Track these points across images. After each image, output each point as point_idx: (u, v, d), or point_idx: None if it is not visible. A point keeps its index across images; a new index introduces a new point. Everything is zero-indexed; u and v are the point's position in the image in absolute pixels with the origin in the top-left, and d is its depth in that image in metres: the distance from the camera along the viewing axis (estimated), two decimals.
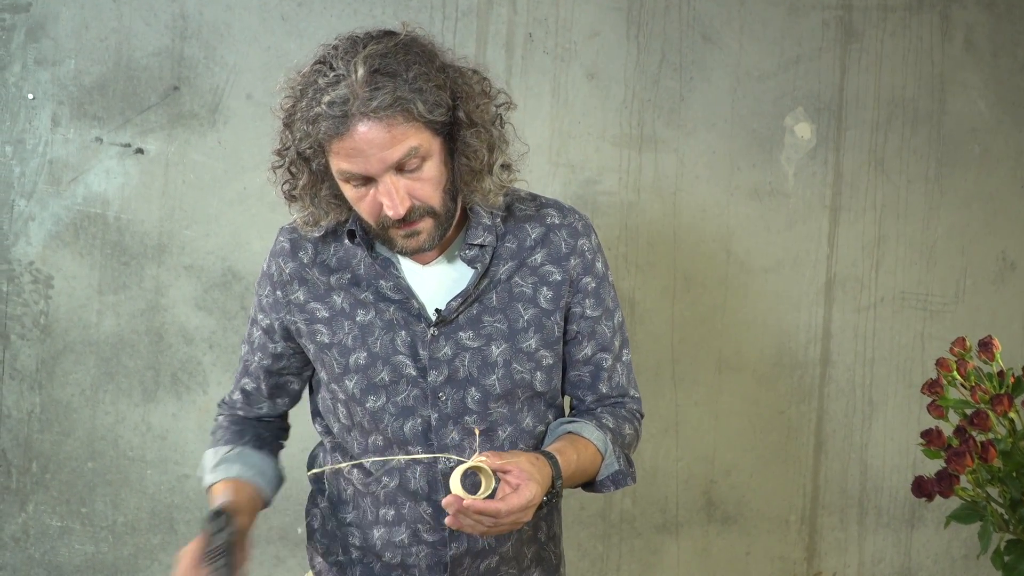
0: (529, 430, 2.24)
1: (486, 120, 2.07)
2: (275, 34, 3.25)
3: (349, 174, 1.98)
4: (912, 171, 3.69)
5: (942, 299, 3.76)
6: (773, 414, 3.67)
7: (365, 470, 2.25)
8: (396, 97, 1.90)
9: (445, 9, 3.32)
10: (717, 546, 3.69)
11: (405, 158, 1.95)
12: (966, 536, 3.88)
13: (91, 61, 3.17)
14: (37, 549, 3.26)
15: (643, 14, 3.45)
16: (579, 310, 2.25)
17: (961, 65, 3.71)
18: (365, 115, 1.90)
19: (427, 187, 2.01)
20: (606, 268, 2.30)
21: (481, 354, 2.16)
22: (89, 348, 3.24)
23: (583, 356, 2.28)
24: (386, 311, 2.16)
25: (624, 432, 2.27)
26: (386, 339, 2.16)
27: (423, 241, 2.07)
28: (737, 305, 3.58)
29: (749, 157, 3.56)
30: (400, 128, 1.92)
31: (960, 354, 1.96)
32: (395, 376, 2.16)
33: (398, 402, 2.16)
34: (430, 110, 1.95)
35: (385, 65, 1.92)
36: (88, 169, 3.19)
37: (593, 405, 2.32)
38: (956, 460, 1.76)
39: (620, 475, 2.21)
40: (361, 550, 2.29)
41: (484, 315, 2.17)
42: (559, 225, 2.24)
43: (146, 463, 3.29)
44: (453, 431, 2.16)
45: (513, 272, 2.19)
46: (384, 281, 2.17)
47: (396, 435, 2.17)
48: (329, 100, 1.91)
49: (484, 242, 2.16)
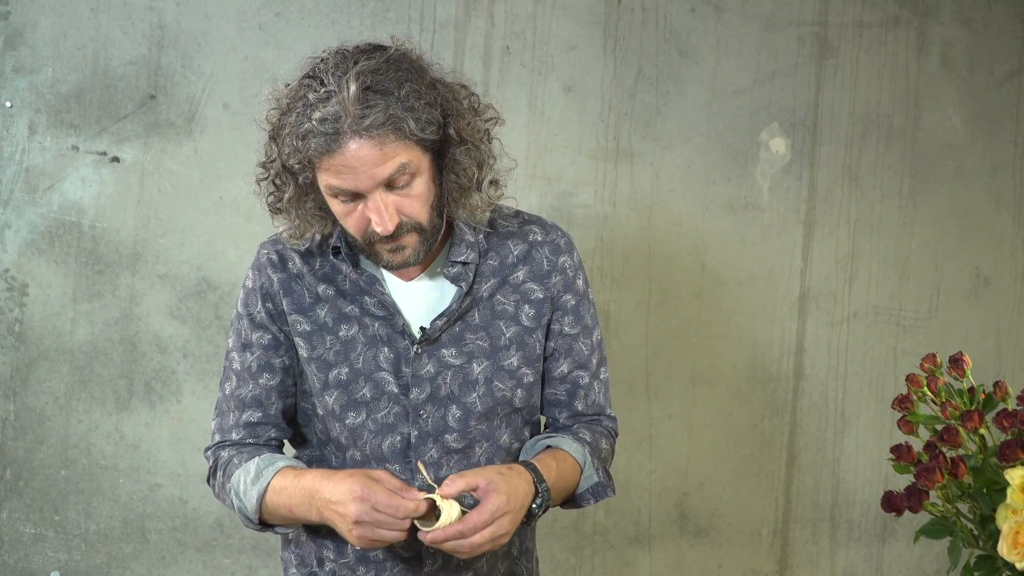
0: (505, 447, 2.24)
1: (476, 137, 2.07)
2: (252, 44, 3.25)
3: (338, 190, 1.97)
4: (886, 186, 3.71)
5: (915, 314, 3.78)
6: (746, 427, 3.68)
7: None
8: (388, 115, 1.90)
9: (423, 21, 3.32)
10: (689, 559, 3.69)
11: (395, 175, 1.95)
12: (937, 551, 3.90)
13: (68, 69, 3.17)
14: (11, 556, 3.25)
15: (620, 28, 3.47)
16: (558, 327, 2.25)
17: (936, 81, 3.73)
18: (357, 133, 1.89)
19: (416, 203, 2.01)
20: (586, 285, 2.30)
21: (463, 372, 2.16)
22: (63, 356, 3.23)
23: (560, 373, 2.28)
24: (370, 327, 2.15)
25: (601, 446, 2.27)
26: (369, 355, 2.15)
27: (408, 256, 2.07)
28: (711, 318, 3.59)
29: (724, 171, 3.57)
30: (391, 146, 1.92)
31: (931, 370, 1.97)
32: (377, 393, 2.15)
33: (378, 419, 2.15)
34: (421, 128, 1.95)
35: (377, 82, 1.91)
36: (64, 177, 3.18)
37: (568, 422, 2.32)
38: (926, 475, 1.77)
39: (600, 487, 2.21)
40: (335, 563, 2.28)
41: (467, 333, 2.17)
42: (541, 242, 2.24)
43: (119, 472, 3.28)
44: (432, 449, 2.16)
45: (495, 290, 2.20)
46: (369, 297, 2.16)
47: (374, 452, 2.16)
48: (320, 116, 1.90)
49: (467, 259, 2.16)
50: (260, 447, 2.23)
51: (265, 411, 2.23)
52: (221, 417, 2.27)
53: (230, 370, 2.26)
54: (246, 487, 2.10)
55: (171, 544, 3.32)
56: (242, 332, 2.23)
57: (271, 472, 2.08)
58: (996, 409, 1.87)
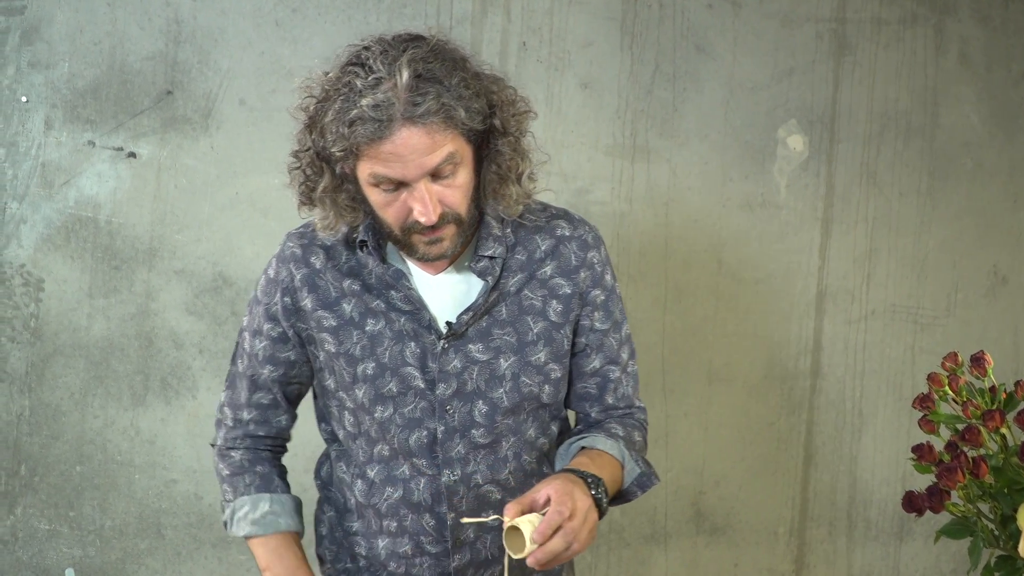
0: (531, 441, 2.24)
1: (517, 128, 2.08)
2: (269, 39, 3.24)
3: (382, 178, 1.97)
4: (904, 184, 3.69)
5: (933, 312, 3.76)
6: (763, 426, 3.67)
7: (368, 480, 2.25)
8: (441, 104, 1.90)
9: (439, 17, 3.32)
10: (705, 557, 3.68)
11: (442, 164, 1.95)
12: (955, 550, 3.88)
13: (85, 64, 3.16)
14: (25, 552, 3.25)
15: (637, 24, 3.45)
16: (588, 323, 2.24)
17: (954, 78, 3.71)
18: (409, 120, 1.89)
19: (458, 194, 2.02)
20: (614, 280, 2.30)
21: (490, 367, 2.16)
22: (79, 352, 3.23)
23: (591, 368, 2.28)
24: (396, 321, 2.15)
25: (635, 439, 2.26)
26: (395, 350, 2.15)
27: (446, 248, 2.07)
28: (728, 316, 3.58)
29: (741, 168, 3.56)
30: (440, 135, 1.92)
31: (952, 369, 1.96)
32: (403, 387, 2.15)
33: (405, 413, 2.16)
34: (470, 117, 1.95)
35: (428, 70, 1.91)
36: (80, 172, 3.18)
37: (600, 416, 2.31)
38: (947, 476, 1.76)
39: (644, 477, 2.20)
40: (367, 559, 2.30)
41: (494, 328, 2.17)
42: (569, 237, 2.23)
43: (134, 467, 3.28)
44: (459, 444, 2.16)
45: (523, 284, 2.19)
46: (395, 291, 2.16)
47: (402, 446, 2.17)
48: (369, 103, 1.89)
49: (494, 254, 2.16)
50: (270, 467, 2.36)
51: (274, 397, 2.32)
52: (232, 391, 2.35)
53: (242, 348, 2.32)
54: (243, 518, 2.28)
55: (186, 540, 3.32)
56: (256, 318, 2.28)
57: (272, 529, 2.27)
58: (1017, 408, 1.87)
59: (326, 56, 2.03)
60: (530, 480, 2.23)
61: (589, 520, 1.90)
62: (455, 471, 2.17)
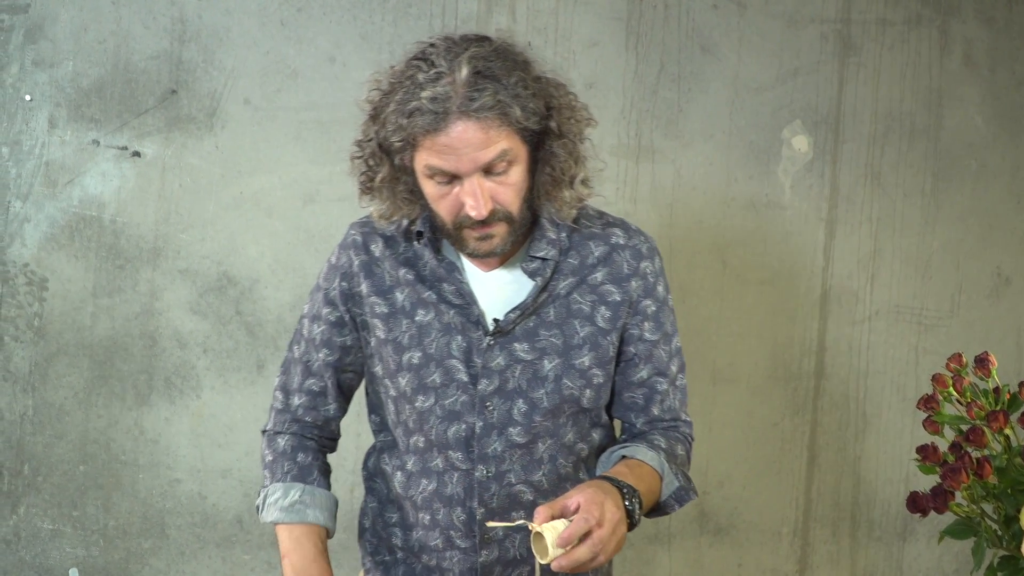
0: (569, 445, 2.25)
1: (574, 133, 2.11)
2: (274, 39, 3.24)
3: (436, 170, 2.02)
4: (908, 185, 3.69)
5: (937, 313, 3.76)
6: (767, 426, 3.67)
7: (407, 472, 2.28)
8: (496, 100, 1.95)
9: (444, 17, 3.32)
10: (709, 557, 3.68)
11: (495, 160, 1.99)
12: (958, 550, 3.88)
13: (89, 63, 3.17)
14: (28, 552, 3.25)
15: (642, 24, 3.45)
16: (637, 332, 2.25)
17: (959, 80, 3.71)
18: (464, 114, 1.94)
19: (510, 192, 2.06)
20: (667, 292, 2.31)
21: (533, 367, 2.17)
22: (83, 351, 3.23)
23: (638, 379, 2.28)
24: (445, 314, 2.19)
25: (677, 452, 2.26)
26: (442, 342, 2.18)
27: (495, 245, 2.10)
28: (732, 316, 3.58)
29: (746, 169, 3.56)
30: (495, 131, 1.97)
31: (956, 370, 1.96)
32: (446, 379, 2.18)
33: (445, 405, 2.19)
34: (526, 117, 2.00)
35: (487, 68, 1.97)
36: (84, 171, 3.18)
37: (645, 428, 2.31)
38: (951, 476, 1.76)
39: (682, 491, 2.21)
40: (403, 551, 2.33)
41: (540, 328, 2.19)
42: (623, 246, 2.25)
43: (138, 467, 3.28)
44: (496, 441, 2.18)
45: (572, 288, 2.21)
46: (447, 284, 2.20)
47: (439, 438, 2.20)
48: (429, 95, 1.95)
49: (547, 256, 2.19)
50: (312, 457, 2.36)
51: (325, 384, 2.35)
52: (287, 376, 2.40)
53: (300, 334, 2.38)
54: (274, 504, 2.28)
55: (190, 540, 3.32)
56: (316, 304, 2.34)
57: (299, 519, 2.26)
58: (1021, 409, 1.87)
59: (331, 56, 2.03)
60: (564, 484, 2.25)
61: (618, 532, 1.90)
62: (489, 468, 2.19)
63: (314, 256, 3.29)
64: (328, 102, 3.28)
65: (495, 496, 2.20)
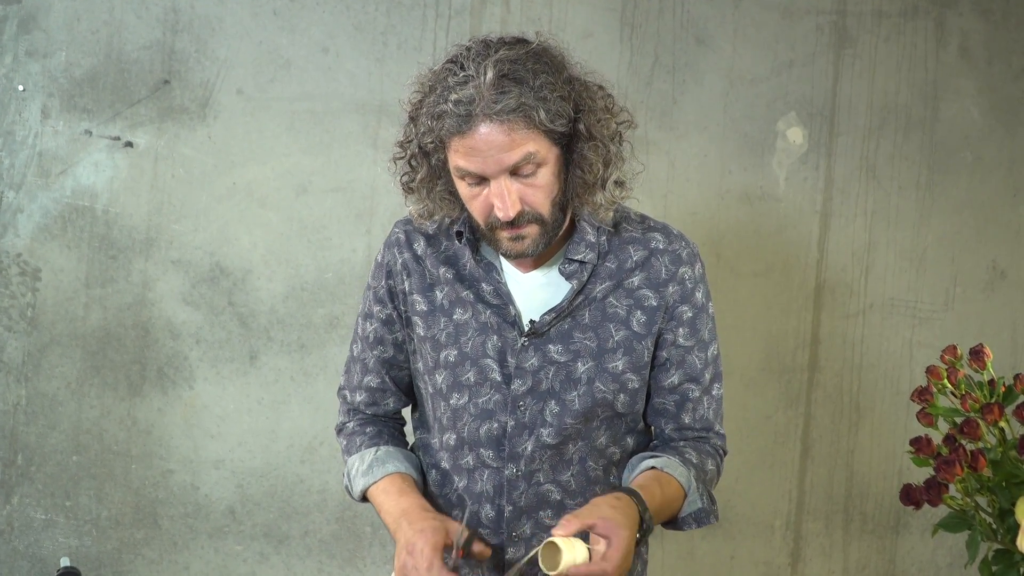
0: (601, 449, 2.26)
1: (605, 135, 2.11)
2: (267, 29, 3.24)
3: (465, 171, 2.04)
4: (903, 178, 3.69)
5: (931, 306, 3.76)
6: (760, 419, 3.66)
7: (442, 471, 2.32)
8: (520, 103, 1.96)
9: (438, 7, 3.31)
10: (702, 550, 3.68)
11: (521, 162, 2.00)
12: (951, 544, 3.88)
13: (82, 53, 3.16)
14: (21, 542, 3.25)
15: (636, 15, 3.45)
16: (671, 337, 2.25)
17: (955, 72, 3.71)
18: (488, 116, 1.96)
19: (539, 194, 2.06)
20: (707, 299, 2.31)
21: (566, 369, 2.19)
22: (75, 341, 3.22)
23: (669, 384, 2.28)
24: (482, 313, 2.21)
25: (707, 468, 2.27)
26: (477, 341, 2.20)
27: (527, 246, 2.11)
28: (726, 309, 3.58)
29: (741, 161, 3.55)
30: (520, 133, 1.98)
31: (951, 362, 1.96)
32: (480, 378, 2.20)
33: (479, 404, 2.21)
34: (551, 119, 2.00)
35: (514, 71, 1.98)
36: (77, 162, 3.17)
37: (674, 435, 2.31)
38: (945, 469, 1.75)
39: (703, 513, 2.22)
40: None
41: (575, 331, 2.20)
42: (662, 251, 2.25)
43: (131, 457, 3.28)
44: (527, 441, 2.20)
45: (609, 292, 2.21)
46: (485, 284, 2.22)
47: (471, 436, 2.22)
48: (456, 99, 1.97)
49: (585, 259, 2.19)
50: (380, 427, 2.43)
51: (382, 380, 2.39)
52: (348, 375, 2.46)
53: (356, 333, 2.43)
54: (357, 474, 2.32)
55: (183, 530, 3.32)
56: (367, 302, 2.39)
57: (381, 472, 2.28)
58: (1016, 402, 1.87)
59: (324, 46, 2.02)
60: (592, 487, 2.26)
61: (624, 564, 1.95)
62: (519, 467, 2.21)
63: (307, 247, 3.29)
64: (321, 92, 3.27)
65: (523, 495, 2.22)
